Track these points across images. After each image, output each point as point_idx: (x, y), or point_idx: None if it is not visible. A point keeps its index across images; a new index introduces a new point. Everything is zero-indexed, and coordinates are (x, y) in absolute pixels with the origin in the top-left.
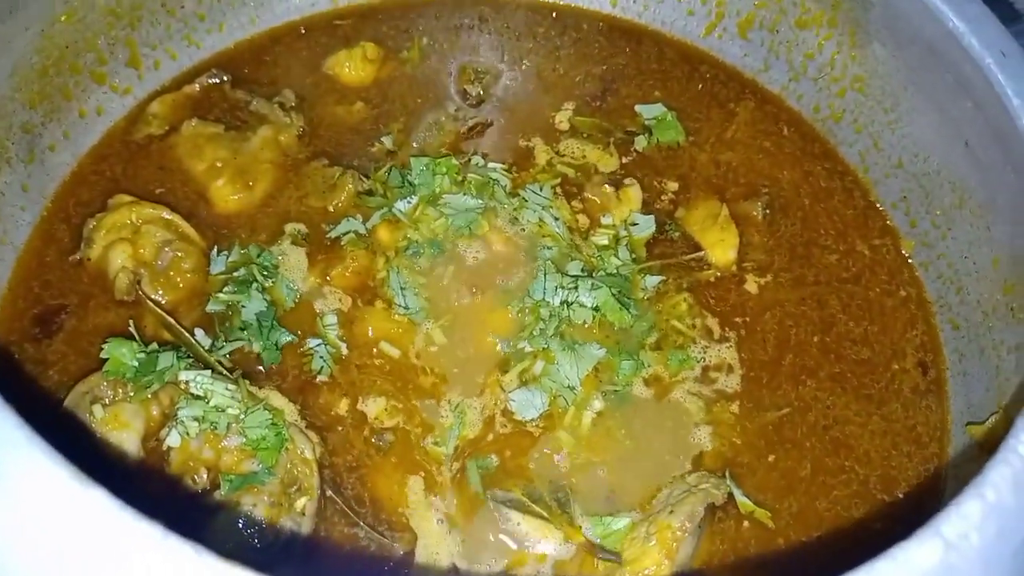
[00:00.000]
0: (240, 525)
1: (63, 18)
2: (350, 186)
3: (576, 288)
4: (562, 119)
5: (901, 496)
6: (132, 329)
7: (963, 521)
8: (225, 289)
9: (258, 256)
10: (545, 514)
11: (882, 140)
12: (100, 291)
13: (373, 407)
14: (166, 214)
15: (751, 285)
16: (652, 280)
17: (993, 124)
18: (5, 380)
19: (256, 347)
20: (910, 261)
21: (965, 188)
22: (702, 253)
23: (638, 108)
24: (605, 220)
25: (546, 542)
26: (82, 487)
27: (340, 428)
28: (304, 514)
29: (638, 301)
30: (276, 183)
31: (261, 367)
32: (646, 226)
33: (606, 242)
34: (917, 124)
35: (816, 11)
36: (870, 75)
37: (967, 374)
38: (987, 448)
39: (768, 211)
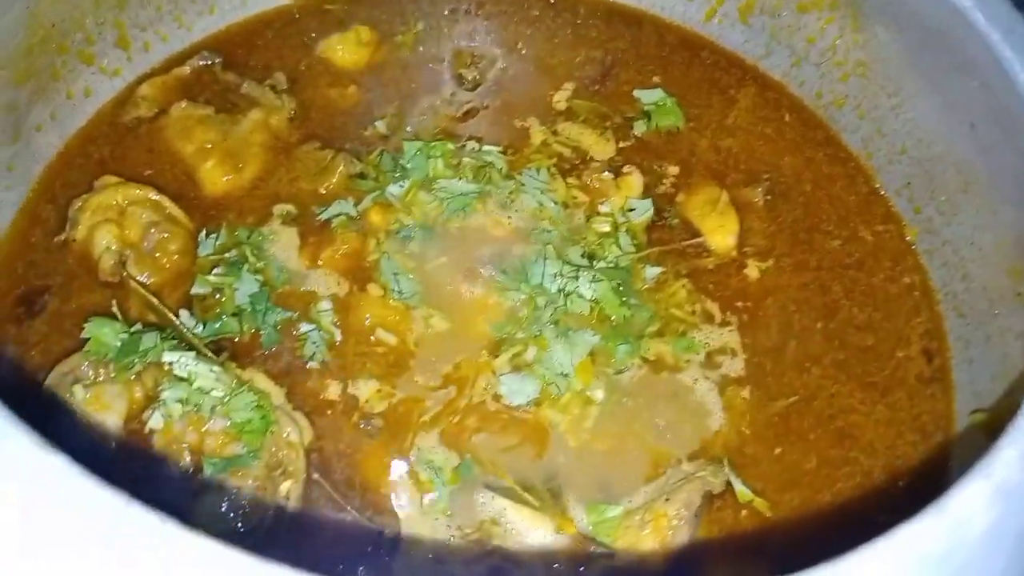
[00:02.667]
0: (223, 509)
1: None
2: (342, 169)
3: (576, 278)
4: (560, 99)
5: (905, 487)
6: (115, 310)
7: (969, 501)
8: (215, 271)
9: (248, 238)
10: (537, 504)
11: (885, 126)
12: (85, 272)
13: (364, 390)
14: (153, 195)
15: (752, 270)
16: (652, 271)
17: (999, 103)
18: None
19: (246, 330)
20: (914, 248)
21: (970, 172)
22: (701, 239)
23: (636, 93)
24: (603, 208)
25: (537, 532)
26: (44, 454)
27: (329, 412)
28: (289, 498)
29: (638, 292)
30: (266, 166)
31: (251, 349)
32: (643, 210)
33: (607, 229)
34: (921, 108)
35: None
36: (872, 59)
37: (973, 362)
38: (993, 435)
39: (769, 197)
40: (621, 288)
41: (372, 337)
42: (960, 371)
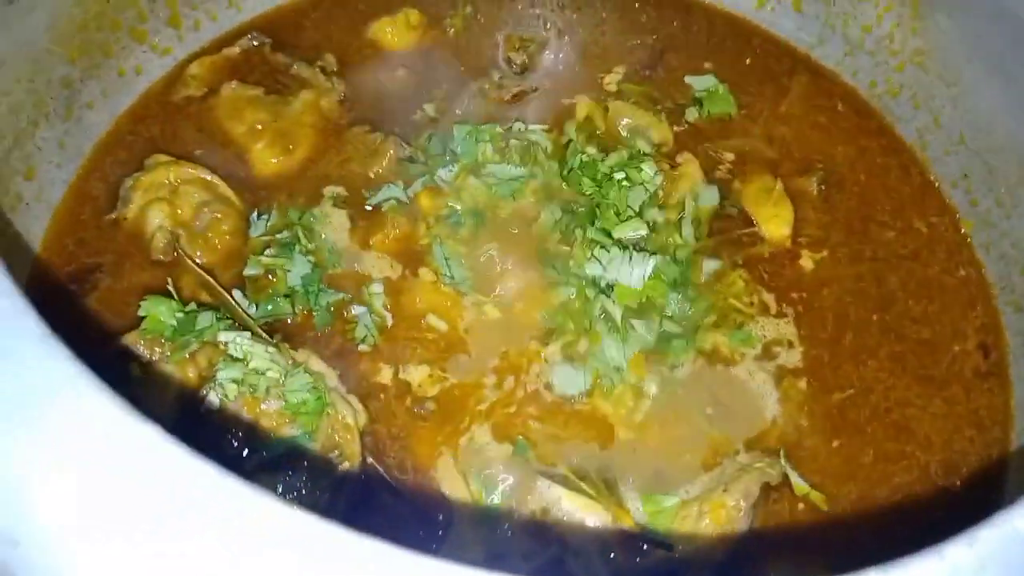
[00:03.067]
0: (279, 490)
1: None
2: (392, 152)
3: (630, 265)
4: (611, 81)
5: (962, 482)
6: (170, 288)
7: None
8: (267, 252)
9: (299, 219)
10: (592, 493)
11: (943, 116)
12: (136, 250)
13: (416, 375)
14: (205, 175)
15: (806, 260)
16: (711, 264)
17: None
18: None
19: (298, 311)
20: (969, 240)
21: None
22: (755, 228)
23: (688, 79)
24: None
25: (593, 522)
26: (135, 422)
27: (382, 396)
28: (344, 481)
29: (696, 284)
30: (316, 147)
31: (302, 330)
32: (711, 197)
33: (664, 218)
34: (981, 98)
35: None
36: (932, 48)
37: None
38: None
39: (823, 186)
40: (678, 281)
41: (423, 322)
42: (1018, 366)
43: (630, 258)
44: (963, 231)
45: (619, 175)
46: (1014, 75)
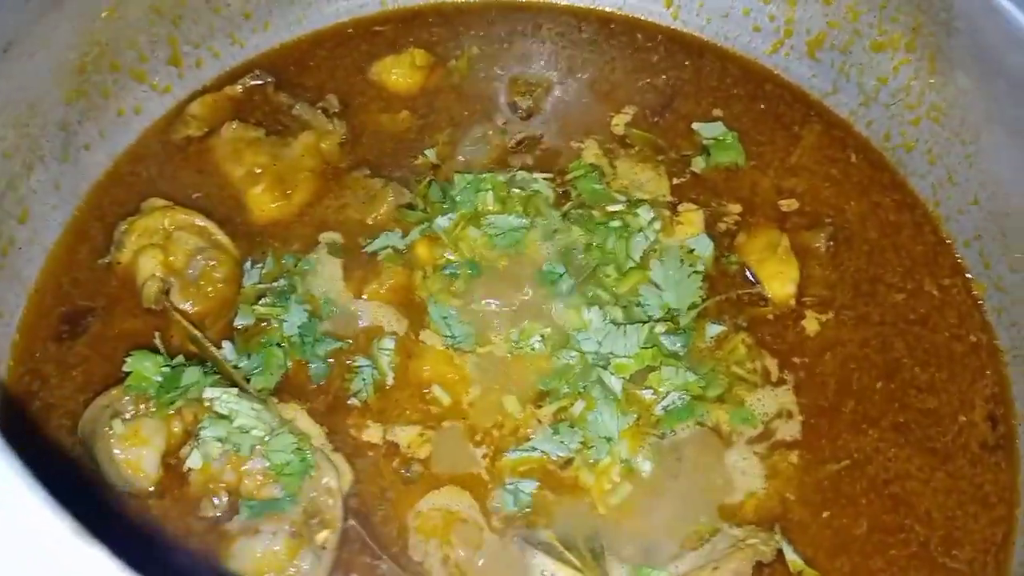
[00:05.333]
0: (258, 555)
1: (104, 14)
2: (391, 199)
3: (625, 337)
4: (618, 123)
5: (965, 561)
6: (158, 342)
7: None
8: (261, 301)
9: (295, 266)
10: (578, 563)
11: (957, 174)
12: (128, 296)
13: (404, 436)
14: (199, 221)
15: (811, 323)
16: (714, 329)
17: None
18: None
19: (290, 366)
20: (980, 304)
21: None
22: (758, 288)
23: (696, 126)
24: None
25: None
26: (84, 544)
27: (370, 454)
28: (325, 547)
29: (698, 350)
30: (315, 192)
31: (293, 381)
32: (704, 247)
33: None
34: (998, 160)
35: (894, 34)
36: (949, 105)
37: None
38: None
39: (832, 243)
40: (679, 352)
41: (426, 392)
42: None
43: (624, 332)
44: (975, 293)
45: (615, 223)
46: None
